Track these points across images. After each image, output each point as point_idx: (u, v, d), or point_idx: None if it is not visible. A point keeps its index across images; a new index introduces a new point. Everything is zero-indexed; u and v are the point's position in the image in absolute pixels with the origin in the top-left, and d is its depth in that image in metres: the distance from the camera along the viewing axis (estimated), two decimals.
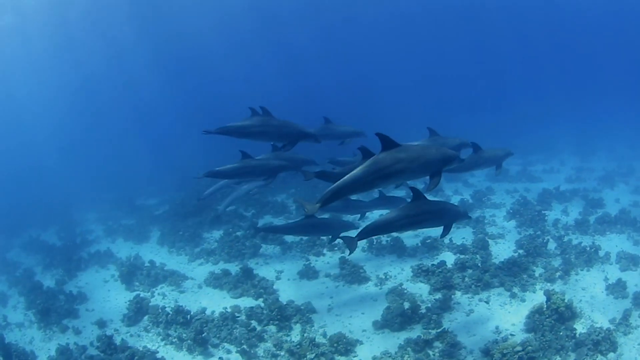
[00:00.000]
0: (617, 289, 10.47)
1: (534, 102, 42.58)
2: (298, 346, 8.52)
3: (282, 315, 9.60)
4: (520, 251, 12.51)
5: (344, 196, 6.57)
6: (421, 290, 10.84)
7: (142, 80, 41.23)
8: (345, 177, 6.39)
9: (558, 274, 11.16)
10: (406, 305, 9.70)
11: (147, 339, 9.58)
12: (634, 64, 48.12)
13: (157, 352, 8.91)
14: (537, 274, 11.21)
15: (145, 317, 10.30)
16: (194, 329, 9.07)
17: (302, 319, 9.74)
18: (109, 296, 11.82)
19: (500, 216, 15.24)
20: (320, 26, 47.41)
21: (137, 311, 10.39)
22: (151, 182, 22.20)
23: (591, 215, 15.33)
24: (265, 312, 9.73)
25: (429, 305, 10.09)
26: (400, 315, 9.37)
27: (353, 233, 13.37)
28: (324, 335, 9.26)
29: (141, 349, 8.90)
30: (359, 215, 12.39)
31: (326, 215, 12.65)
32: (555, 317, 9.07)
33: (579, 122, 34.70)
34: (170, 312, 9.85)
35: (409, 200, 13.39)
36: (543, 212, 15.11)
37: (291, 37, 46.53)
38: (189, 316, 9.76)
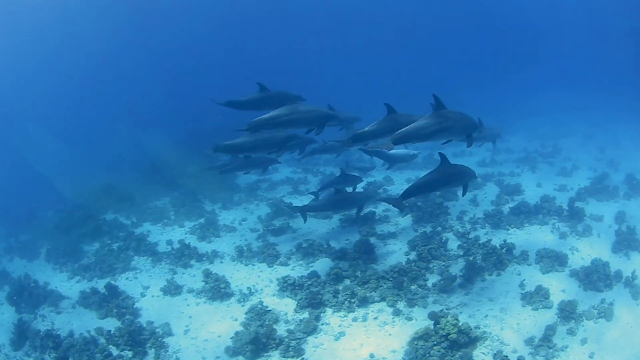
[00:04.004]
0: (536, 297, 8.80)
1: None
2: None
3: (135, 340, 9.20)
4: (413, 254, 10.86)
5: (410, 139, 8.07)
6: (287, 307, 9.63)
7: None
8: (412, 125, 7.90)
9: (457, 282, 9.51)
10: (260, 329, 8.75)
11: None
12: (556, 37, 48.99)
13: None
14: (429, 284, 9.65)
15: (27, 342, 10.16)
16: (57, 355, 9.26)
17: (156, 344, 9.21)
18: (2, 320, 11.67)
19: (395, 211, 12.45)
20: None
21: (20, 335, 10.35)
22: (52, 191, 21.44)
23: (506, 204, 13.77)
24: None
25: (292, 327, 9.00)
26: (251, 343, 8.42)
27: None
28: None
29: None
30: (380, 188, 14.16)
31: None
32: (445, 344, 7.48)
33: (497, 97, 33.56)
34: (43, 336, 9.82)
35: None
36: (445, 203, 13.31)
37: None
38: (58, 340, 9.74)
